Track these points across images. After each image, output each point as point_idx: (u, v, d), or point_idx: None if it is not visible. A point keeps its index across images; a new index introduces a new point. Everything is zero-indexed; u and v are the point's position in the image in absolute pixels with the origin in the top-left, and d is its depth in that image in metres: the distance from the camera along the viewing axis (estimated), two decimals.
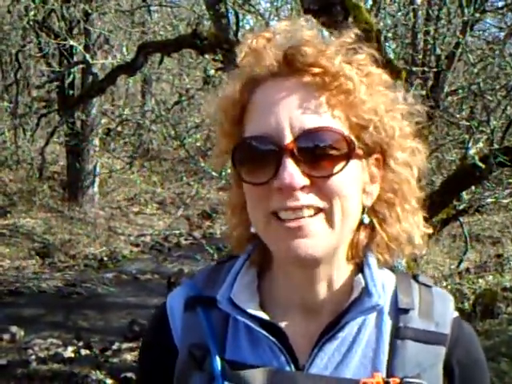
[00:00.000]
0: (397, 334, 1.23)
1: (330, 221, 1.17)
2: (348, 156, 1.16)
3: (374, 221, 1.25)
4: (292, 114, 1.16)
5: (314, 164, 1.15)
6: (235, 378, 1.21)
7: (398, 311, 1.25)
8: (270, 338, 1.21)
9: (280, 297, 1.28)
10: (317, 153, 1.15)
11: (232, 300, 1.24)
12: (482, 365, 1.32)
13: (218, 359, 1.23)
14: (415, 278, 1.33)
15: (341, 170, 1.15)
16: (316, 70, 1.16)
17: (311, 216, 1.16)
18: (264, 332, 1.21)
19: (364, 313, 1.22)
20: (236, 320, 1.26)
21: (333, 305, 1.24)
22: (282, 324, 1.24)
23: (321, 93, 1.16)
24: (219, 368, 1.22)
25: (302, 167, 1.15)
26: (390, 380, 1.19)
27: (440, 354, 1.24)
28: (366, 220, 1.23)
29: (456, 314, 1.30)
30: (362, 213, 1.23)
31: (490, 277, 10.18)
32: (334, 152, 1.15)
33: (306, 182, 1.15)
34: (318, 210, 1.16)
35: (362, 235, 1.25)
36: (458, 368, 1.26)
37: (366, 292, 1.21)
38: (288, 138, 1.15)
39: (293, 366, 1.21)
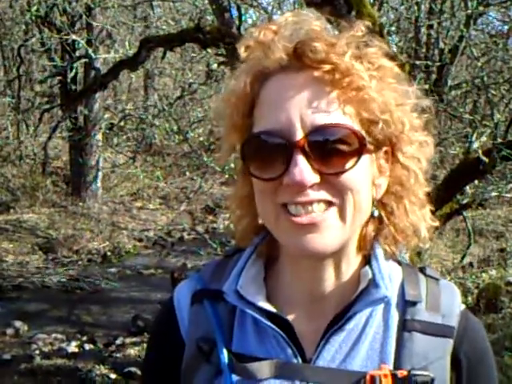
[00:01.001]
0: (404, 326, 1.23)
1: (342, 215, 1.17)
2: (359, 152, 1.15)
3: (382, 213, 1.25)
4: (303, 110, 1.14)
5: (325, 160, 1.14)
6: (242, 370, 1.21)
7: (405, 303, 1.25)
8: (277, 330, 1.21)
9: (287, 289, 1.28)
10: (328, 149, 1.14)
11: (239, 292, 1.24)
12: (489, 357, 1.32)
13: (225, 352, 1.23)
14: (422, 270, 1.33)
15: (352, 166, 1.15)
16: (326, 66, 1.15)
17: (323, 211, 1.16)
18: (271, 324, 1.22)
19: (371, 304, 1.22)
20: (243, 312, 1.26)
21: (340, 297, 1.24)
22: (289, 316, 1.24)
23: (332, 89, 1.15)
24: (226, 360, 1.22)
25: (313, 164, 1.14)
26: (398, 372, 1.18)
27: (447, 347, 1.24)
28: (376, 213, 1.23)
29: (463, 306, 1.30)
30: (372, 205, 1.23)
31: (494, 271, 10.18)
32: (345, 148, 1.15)
33: (317, 179, 1.14)
34: (329, 205, 1.16)
35: (371, 228, 1.25)
36: (465, 360, 1.26)
37: (373, 284, 1.21)
38: (299, 135, 1.14)
39: (300, 359, 1.21)
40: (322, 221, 1.16)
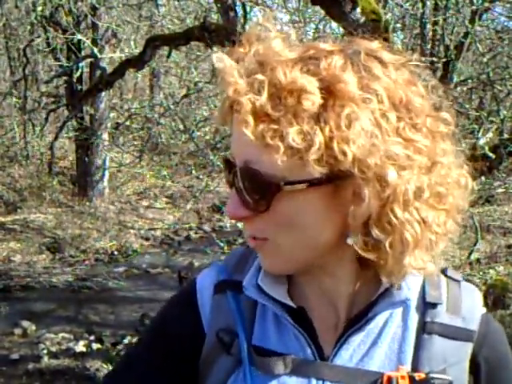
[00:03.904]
0: (423, 328, 1.21)
1: (277, 248, 1.17)
2: (272, 193, 1.11)
3: (358, 242, 1.13)
4: (239, 142, 1.13)
5: (249, 197, 1.13)
6: (260, 363, 1.21)
7: (426, 305, 1.23)
8: (296, 326, 1.21)
9: (305, 285, 1.27)
10: (247, 188, 1.13)
11: (259, 286, 1.24)
12: (509, 361, 1.30)
13: (245, 345, 1.23)
14: (443, 271, 1.31)
15: (265, 210, 1.12)
16: (239, 108, 1.09)
17: (262, 240, 1.17)
18: (290, 320, 1.21)
19: (392, 306, 1.21)
20: (264, 306, 1.26)
21: (359, 297, 1.23)
22: (309, 312, 1.24)
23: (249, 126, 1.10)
24: (246, 353, 1.22)
25: (243, 198, 1.14)
26: (415, 374, 1.17)
27: (467, 351, 1.22)
28: (350, 241, 1.13)
29: (484, 310, 1.28)
30: (352, 233, 1.13)
31: (501, 267, 10.16)
32: (257, 190, 1.12)
33: (248, 213, 1.15)
34: (266, 238, 1.17)
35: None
36: (484, 365, 1.24)
37: (395, 285, 1.19)
38: (236, 168, 1.14)
39: (317, 356, 1.21)
40: (262, 248, 1.19)
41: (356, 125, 1.06)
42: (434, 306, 1.23)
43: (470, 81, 7.68)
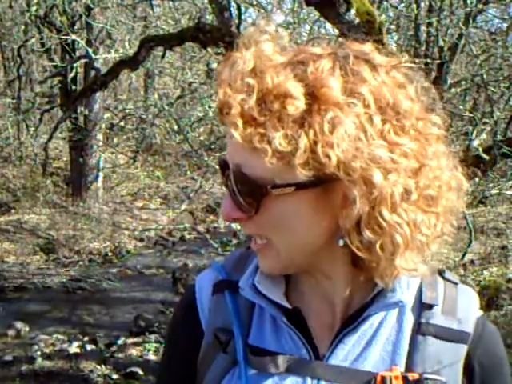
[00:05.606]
0: (418, 329, 1.22)
1: (274, 248, 1.18)
2: (258, 200, 1.13)
3: (352, 244, 1.14)
4: (231, 145, 1.15)
5: (241, 200, 1.15)
6: (256, 363, 1.22)
7: (422, 306, 1.24)
8: (291, 326, 1.22)
9: (304, 286, 1.28)
10: (240, 190, 1.14)
11: (255, 286, 1.25)
12: (504, 365, 1.30)
13: (241, 344, 1.24)
14: (441, 274, 1.31)
15: (255, 212, 1.14)
16: (228, 111, 1.11)
17: (260, 241, 1.19)
18: (285, 320, 1.22)
19: (386, 308, 1.22)
20: (262, 306, 1.27)
21: (355, 298, 1.24)
22: (305, 312, 1.25)
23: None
24: (242, 353, 1.23)
25: (236, 200, 1.15)
26: (409, 375, 1.18)
27: (461, 353, 1.23)
28: (341, 243, 1.15)
29: (481, 312, 1.29)
30: (343, 235, 1.14)
31: (495, 268, 10.17)
32: (248, 194, 1.14)
33: (241, 215, 1.17)
34: (264, 238, 1.18)
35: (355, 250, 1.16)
36: (478, 368, 1.25)
37: (388, 287, 1.20)
38: (230, 171, 1.15)
39: (313, 356, 1.22)
40: (261, 250, 1.20)
41: (339, 129, 1.06)
42: (429, 307, 1.24)
43: (463, 82, 7.70)
